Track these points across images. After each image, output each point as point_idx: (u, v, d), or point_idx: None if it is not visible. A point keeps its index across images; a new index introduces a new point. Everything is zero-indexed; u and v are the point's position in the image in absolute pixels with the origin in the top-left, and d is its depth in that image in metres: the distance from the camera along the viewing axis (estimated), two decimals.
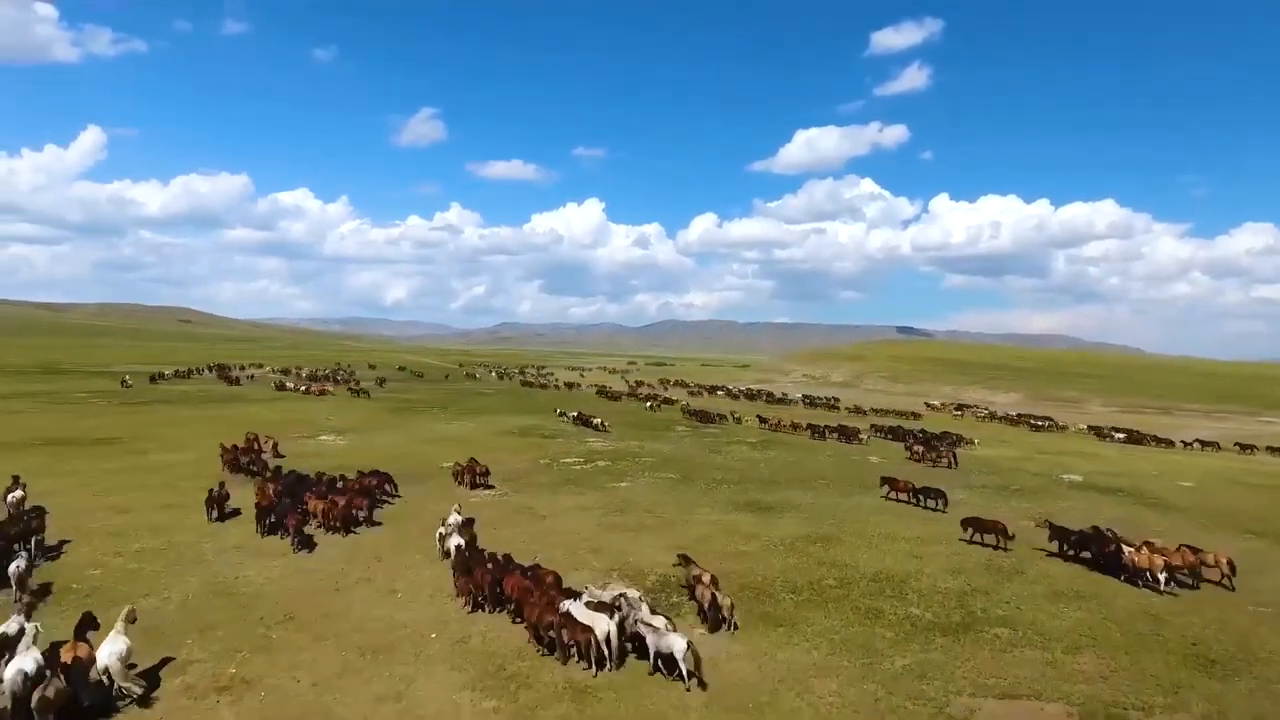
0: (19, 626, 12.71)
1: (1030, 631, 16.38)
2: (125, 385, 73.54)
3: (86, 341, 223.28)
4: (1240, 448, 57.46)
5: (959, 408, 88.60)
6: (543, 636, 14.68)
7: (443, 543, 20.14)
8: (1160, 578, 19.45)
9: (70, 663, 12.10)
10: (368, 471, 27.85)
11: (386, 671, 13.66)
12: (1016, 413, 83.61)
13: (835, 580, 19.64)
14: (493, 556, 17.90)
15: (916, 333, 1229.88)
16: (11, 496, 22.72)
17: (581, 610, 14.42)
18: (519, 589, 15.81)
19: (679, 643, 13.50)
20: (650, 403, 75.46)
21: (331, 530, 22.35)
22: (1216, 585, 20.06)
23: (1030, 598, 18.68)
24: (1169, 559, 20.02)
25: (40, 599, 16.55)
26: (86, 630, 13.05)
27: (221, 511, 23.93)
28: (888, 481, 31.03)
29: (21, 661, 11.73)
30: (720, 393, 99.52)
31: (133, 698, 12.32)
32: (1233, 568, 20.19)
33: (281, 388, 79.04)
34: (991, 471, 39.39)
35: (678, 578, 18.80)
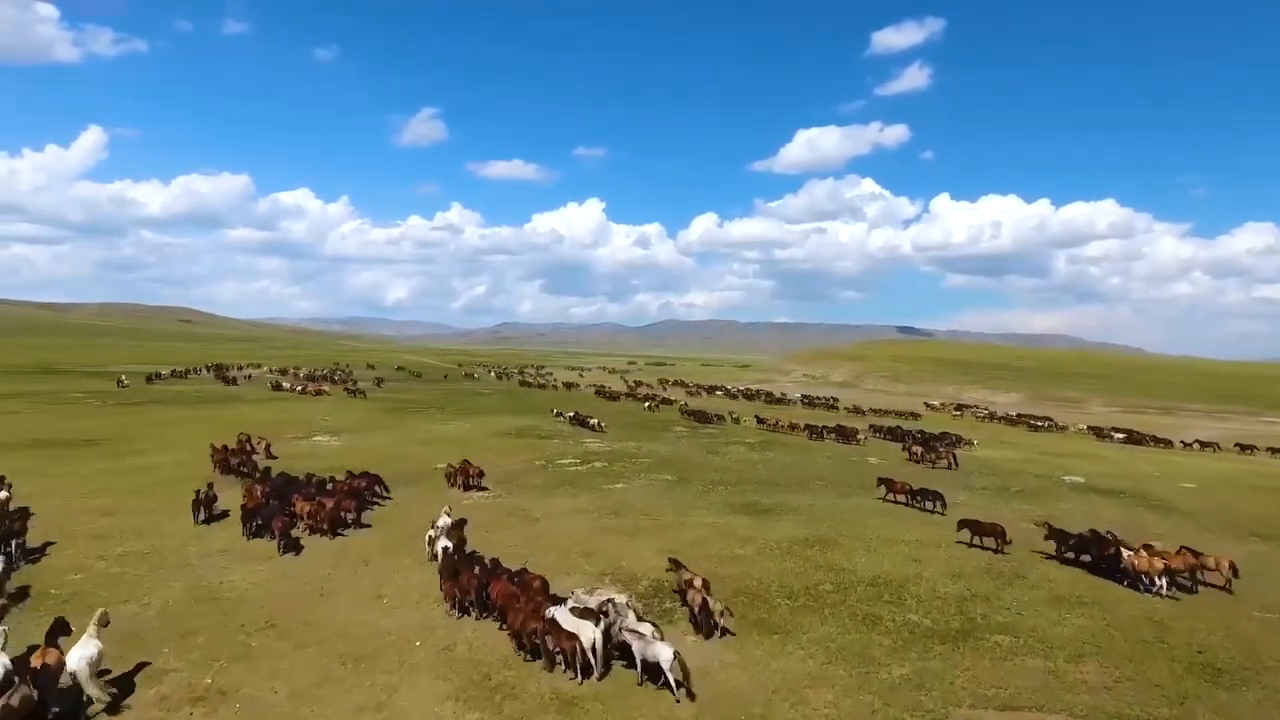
0: None
1: (1031, 639, 15.96)
2: (121, 385, 73.16)
3: (87, 341, 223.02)
4: (1240, 448, 57.10)
5: (958, 408, 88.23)
6: (526, 643, 14.28)
7: (432, 546, 19.76)
8: (1161, 582, 19.06)
9: (40, 668, 11.83)
10: (357, 473, 27.44)
11: (368, 681, 13.25)
12: (1016, 413, 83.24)
13: (832, 585, 19.22)
14: (480, 560, 17.52)
15: (917, 332, 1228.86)
16: None
17: (567, 617, 14.01)
18: (504, 594, 15.41)
19: (665, 651, 13.09)
20: (648, 403, 75.06)
21: (319, 533, 21.98)
22: (1218, 589, 19.64)
23: (1031, 603, 18.26)
24: (1169, 562, 19.62)
25: (17, 603, 16.22)
26: (59, 635, 12.74)
27: (209, 514, 23.55)
28: (885, 483, 30.61)
29: None
30: (719, 393, 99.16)
31: (102, 705, 11.93)
32: (1234, 571, 19.79)
33: (278, 388, 78.66)
34: (992, 473, 38.95)
35: (671, 582, 18.37)
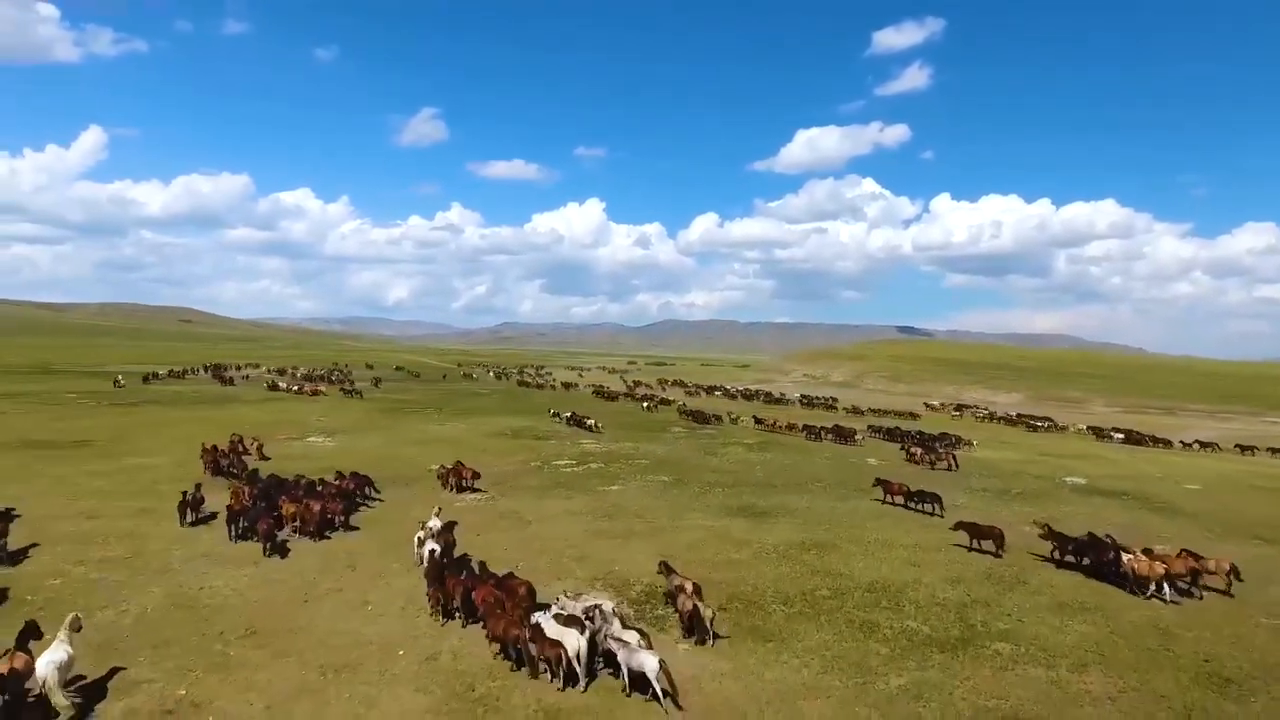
0: None
1: (1033, 647, 15.50)
2: (118, 385, 72.71)
3: (87, 341, 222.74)
4: (1241, 449, 56.63)
5: (958, 408, 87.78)
6: (509, 652, 13.85)
7: (420, 549, 19.33)
8: (1165, 588, 18.61)
9: (7, 674, 11.52)
10: (346, 474, 27.01)
11: (347, 693, 12.81)
12: (1015, 413, 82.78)
13: (829, 590, 18.78)
14: (467, 564, 17.10)
15: (918, 332, 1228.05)
16: None
17: (551, 625, 13.58)
18: (487, 600, 14.95)
19: (650, 661, 12.64)
20: (647, 403, 74.62)
21: (306, 536, 21.55)
22: (1222, 594, 19.19)
23: (1033, 609, 17.81)
24: (1170, 566, 19.17)
25: None
26: (29, 640, 12.42)
27: (197, 516, 23.16)
28: (882, 484, 30.18)
29: None
30: (718, 393, 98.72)
31: (67, 717, 11.51)
32: (1236, 573, 19.34)
33: (274, 388, 78.22)
34: (992, 474, 38.50)
35: (664, 587, 17.94)
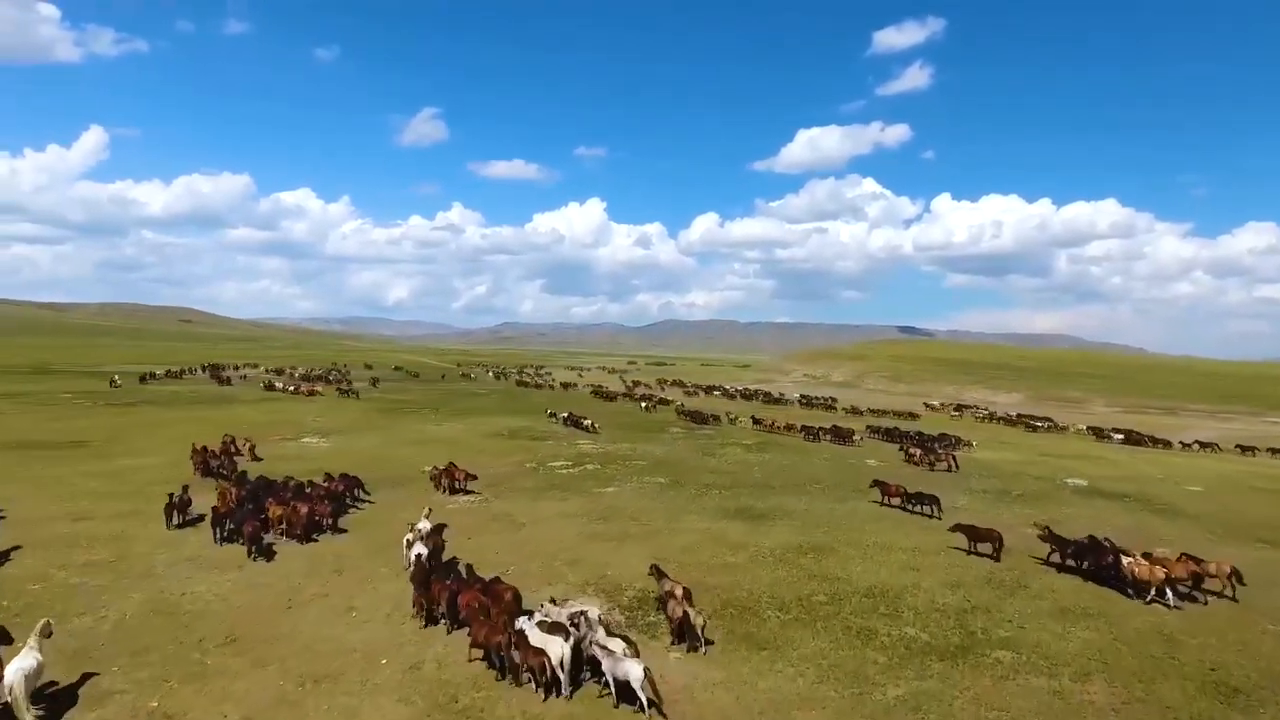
0: None
1: (1035, 655, 15.11)
2: (114, 385, 72.41)
3: (87, 341, 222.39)
4: (1241, 449, 56.18)
5: (958, 408, 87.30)
6: (492, 659, 13.48)
7: (410, 551, 18.94)
8: (1166, 592, 18.21)
9: None
10: (336, 476, 26.64)
11: (326, 704, 12.43)
12: (1015, 413, 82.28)
13: (826, 595, 18.38)
14: (455, 568, 16.71)
15: (918, 332, 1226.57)
16: None
17: (535, 632, 13.19)
18: (470, 606, 14.56)
19: (635, 669, 12.26)
20: (645, 403, 74.22)
21: (293, 539, 21.17)
22: (1227, 600, 18.79)
23: (1034, 615, 17.41)
24: (1170, 570, 18.77)
25: None
26: None
27: (184, 519, 22.82)
28: (880, 485, 29.79)
29: None
30: (717, 393, 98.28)
31: None
32: (1238, 576, 18.94)
33: (271, 388, 77.89)
34: (992, 475, 38.07)
35: (656, 592, 17.55)
